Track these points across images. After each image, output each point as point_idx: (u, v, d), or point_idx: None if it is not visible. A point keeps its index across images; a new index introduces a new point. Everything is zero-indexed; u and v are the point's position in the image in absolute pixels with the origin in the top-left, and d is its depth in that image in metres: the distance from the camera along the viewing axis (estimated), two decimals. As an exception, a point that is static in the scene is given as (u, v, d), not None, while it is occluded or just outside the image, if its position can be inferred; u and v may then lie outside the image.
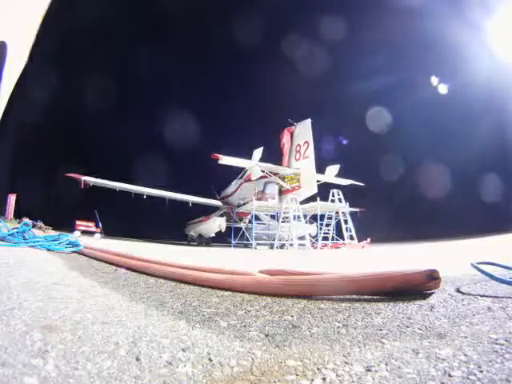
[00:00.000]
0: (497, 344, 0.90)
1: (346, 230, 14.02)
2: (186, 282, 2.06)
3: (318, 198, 12.74)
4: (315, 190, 12.34)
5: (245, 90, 24.85)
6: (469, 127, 15.27)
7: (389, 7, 15.99)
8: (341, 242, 13.60)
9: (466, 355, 0.84)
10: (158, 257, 3.45)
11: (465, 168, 14.92)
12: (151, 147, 22.02)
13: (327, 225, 13.82)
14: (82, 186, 12.04)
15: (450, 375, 0.74)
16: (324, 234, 13.76)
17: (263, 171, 12.41)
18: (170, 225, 17.74)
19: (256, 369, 0.84)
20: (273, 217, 14.13)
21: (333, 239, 13.79)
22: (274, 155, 13.38)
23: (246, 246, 12.94)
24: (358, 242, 13.21)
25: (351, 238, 13.85)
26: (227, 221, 14.31)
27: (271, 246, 10.61)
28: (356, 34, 17.63)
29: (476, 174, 14.73)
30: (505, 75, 13.43)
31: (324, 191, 13.89)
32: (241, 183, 14.57)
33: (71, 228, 13.82)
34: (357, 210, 14.97)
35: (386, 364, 0.82)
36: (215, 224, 14.34)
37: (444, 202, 14.60)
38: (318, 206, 12.80)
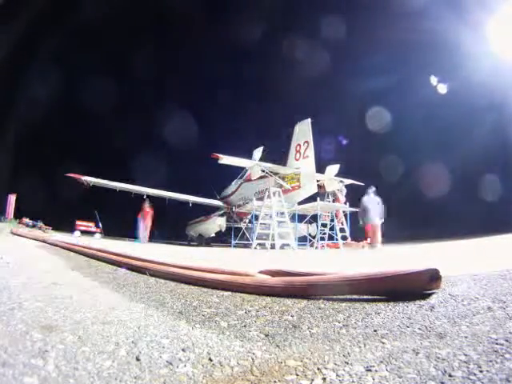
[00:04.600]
0: (497, 344, 0.89)
1: (346, 230, 14.03)
2: (186, 282, 2.06)
3: (318, 198, 12.74)
4: (315, 190, 12.36)
5: (245, 90, 24.84)
6: (469, 127, 15.25)
7: (389, 7, 16.00)
8: (341, 241, 13.59)
9: (466, 355, 0.84)
10: (157, 257, 3.45)
11: (465, 168, 14.89)
12: (151, 147, 21.98)
13: (325, 225, 13.81)
14: (85, 185, 11.99)
15: (450, 375, 0.74)
16: (323, 234, 13.75)
17: (263, 171, 12.42)
18: (170, 225, 17.73)
19: (256, 369, 0.84)
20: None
21: (333, 239, 13.78)
22: (274, 155, 13.36)
23: (245, 246, 12.95)
24: (358, 242, 13.20)
25: (352, 238, 13.86)
26: (227, 221, 14.30)
27: (272, 246, 10.63)
28: (356, 33, 17.59)
29: (477, 174, 14.70)
30: (506, 74, 13.42)
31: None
32: (241, 183, 14.58)
33: (71, 228, 13.83)
34: (357, 210, 14.97)
35: (386, 364, 0.82)
36: (215, 224, 14.34)
37: (444, 201, 14.57)
38: (318, 206, 12.80)
